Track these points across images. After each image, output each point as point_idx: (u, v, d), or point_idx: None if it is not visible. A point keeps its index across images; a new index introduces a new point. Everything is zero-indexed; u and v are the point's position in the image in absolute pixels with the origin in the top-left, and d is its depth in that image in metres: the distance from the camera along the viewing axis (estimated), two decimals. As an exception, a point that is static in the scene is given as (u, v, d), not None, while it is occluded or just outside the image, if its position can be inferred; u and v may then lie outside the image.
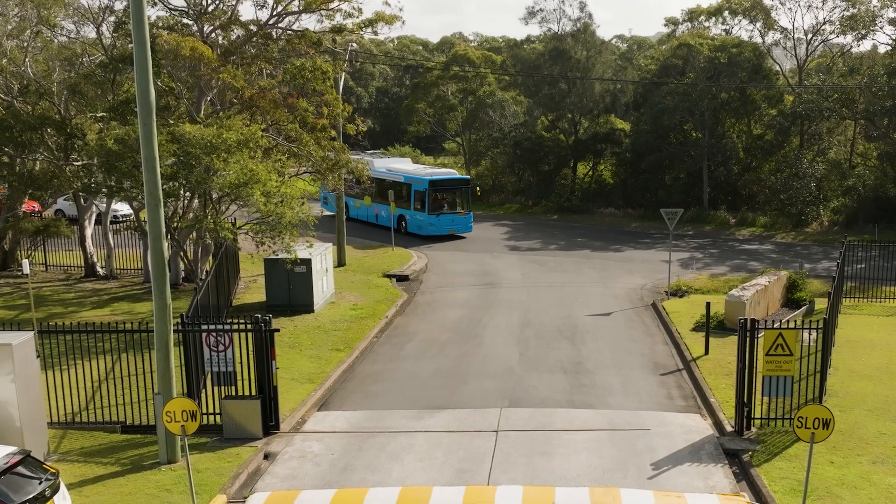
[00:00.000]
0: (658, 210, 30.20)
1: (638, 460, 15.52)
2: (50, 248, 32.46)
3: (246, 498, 14.39)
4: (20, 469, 12.44)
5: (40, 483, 12.44)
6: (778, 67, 49.76)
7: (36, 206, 34.42)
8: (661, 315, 26.43)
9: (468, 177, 44.34)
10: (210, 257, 27.85)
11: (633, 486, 14.48)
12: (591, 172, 53.80)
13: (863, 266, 30.89)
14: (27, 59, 28.93)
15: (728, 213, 45.18)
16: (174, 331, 15.74)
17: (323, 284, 27.27)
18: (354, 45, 38.81)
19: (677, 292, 29.12)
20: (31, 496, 12.09)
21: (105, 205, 31.26)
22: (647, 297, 29.16)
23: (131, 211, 36.80)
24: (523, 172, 53.16)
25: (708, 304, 22.82)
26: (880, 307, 27.48)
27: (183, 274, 29.08)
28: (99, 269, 30.87)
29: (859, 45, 46.36)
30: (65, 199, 39.16)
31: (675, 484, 14.59)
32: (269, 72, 29.04)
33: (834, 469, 15.06)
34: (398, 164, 45.28)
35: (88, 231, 30.81)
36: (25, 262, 20.88)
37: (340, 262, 33.55)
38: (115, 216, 34.56)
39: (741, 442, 16.32)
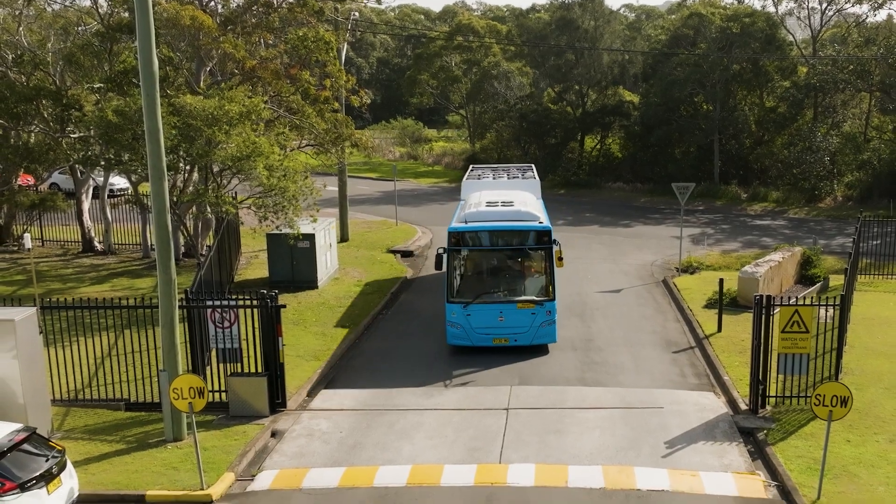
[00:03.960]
0: (668, 185, 29.71)
1: (651, 439, 15.21)
2: (46, 223, 32.03)
3: (254, 476, 14.19)
4: (26, 447, 12.19)
5: (47, 460, 12.19)
6: (791, 38, 48.82)
7: (30, 179, 33.96)
8: (673, 292, 26.02)
9: (540, 219, 20.76)
10: (211, 232, 27.47)
11: (648, 464, 14.22)
12: (598, 146, 53.09)
13: (878, 242, 30.40)
14: (21, 28, 28.34)
15: (739, 188, 44.54)
16: (179, 307, 15.38)
17: (327, 260, 26.89)
18: (356, 14, 38.03)
19: (688, 269, 28.69)
20: (37, 474, 11.85)
21: (102, 178, 30.79)
22: (657, 274, 28.74)
23: (129, 185, 36.49)
24: (529, 146, 52.44)
25: (721, 281, 22.41)
26: None
27: (183, 249, 28.68)
28: (97, 244, 30.47)
29: (875, 15, 45.58)
30: (60, 173, 38.63)
31: (690, 462, 14.30)
32: (270, 42, 28.40)
33: (850, 447, 14.73)
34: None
35: (86, 205, 30.36)
36: (27, 236, 20.53)
37: (343, 238, 33.13)
38: (111, 190, 34.09)
39: (756, 420, 15.99)
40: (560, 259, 20.00)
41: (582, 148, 52.61)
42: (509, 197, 22.84)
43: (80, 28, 28.11)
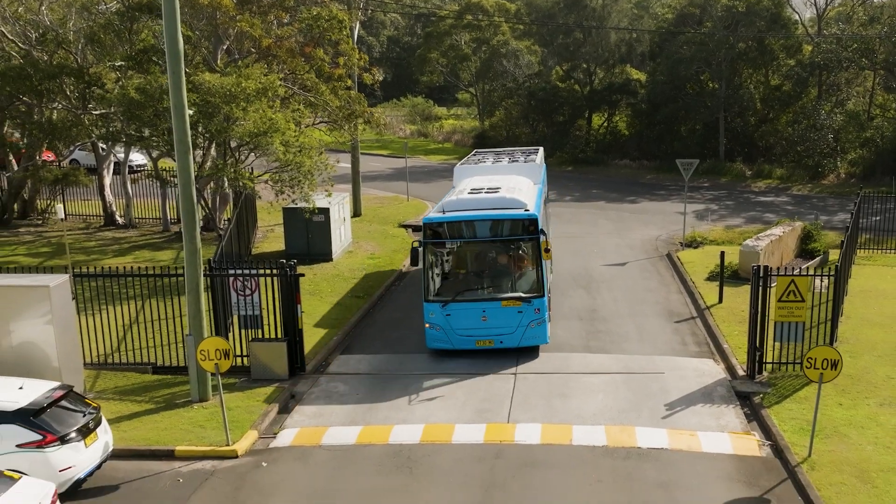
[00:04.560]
0: (674, 162, 30.31)
1: (652, 402, 16.01)
2: (68, 198, 32.92)
3: (276, 434, 15.06)
4: (64, 403, 13.04)
5: (83, 416, 13.05)
6: (797, 17, 49.09)
7: (51, 156, 34.78)
8: (676, 265, 26.74)
9: (526, 206, 18.66)
10: (228, 206, 28.27)
11: (648, 425, 15.02)
12: (606, 124, 53.62)
13: (879, 218, 31.02)
14: (43, 7, 29.01)
15: (744, 165, 45.10)
16: (203, 275, 16.19)
17: (341, 233, 27.69)
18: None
19: (692, 243, 29.38)
20: (75, 428, 12.70)
21: (123, 154, 31.59)
22: (662, 248, 29.44)
23: (146, 161, 37.28)
24: (538, 123, 53.01)
25: (722, 254, 23.13)
26: (895, 258, 27.69)
27: (201, 223, 29.43)
28: (118, 217, 31.35)
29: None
30: (81, 150, 39.44)
31: (688, 423, 15.10)
32: (285, 21, 29.00)
33: (842, 410, 15.50)
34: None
35: (107, 180, 31.21)
36: (59, 207, 21.37)
37: (356, 213, 33.91)
38: (130, 166, 34.89)
39: (753, 385, 16.77)
40: (547, 251, 17.99)
41: (589, 125, 53.14)
42: (498, 183, 20.68)
43: (101, 7, 28.74)
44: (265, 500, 12.79)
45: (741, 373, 17.44)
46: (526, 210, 18.24)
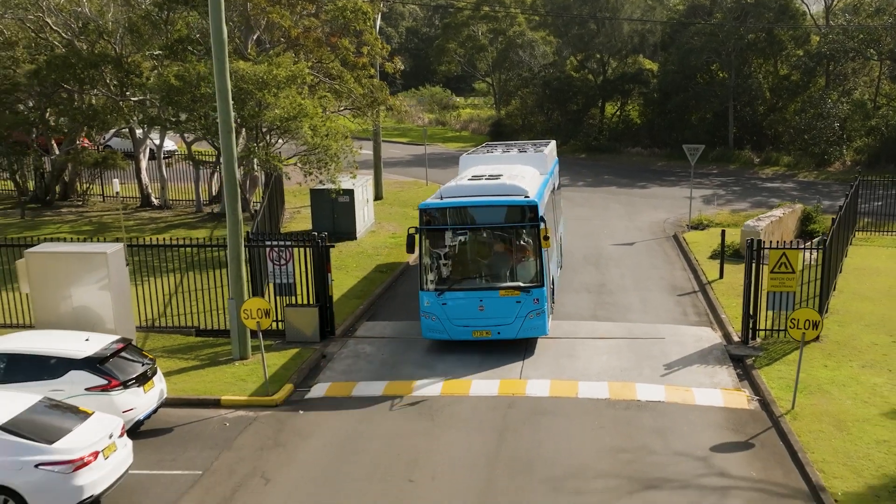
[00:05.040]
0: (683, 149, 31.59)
1: (652, 362, 17.51)
2: (106, 181, 34.68)
3: (311, 387, 16.69)
4: (124, 354, 14.72)
5: (142, 366, 14.72)
6: (805, 8, 50.07)
7: (87, 142, 36.55)
8: (682, 245, 28.15)
9: (526, 193, 18.15)
10: (258, 189, 29.90)
11: (647, 381, 16.53)
12: (618, 112, 54.88)
13: (880, 203, 32.34)
14: (85, 1, 30.72)
15: (753, 153, 46.26)
16: (244, 246, 17.82)
17: (364, 214, 29.28)
18: (390, -16, 40.02)
19: (699, 226, 30.73)
20: (135, 375, 14.37)
21: (158, 140, 33.31)
22: (669, 230, 30.82)
23: (175, 147, 39.03)
24: (552, 112, 54.37)
25: (723, 232, 24.55)
26: (891, 239, 28.98)
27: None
28: (154, 199, 33.09)
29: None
30: (116, 136, 41.21)
31: (684, 381, 16.59)
32: (311, 12, 30.53)
33: (827, 371, 16.94)
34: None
35: (143, 164, 32.94)
36: (115, 181, 23.07)
37: (378, 196, 35.46)
38: (166, 154, 36.66)
39: (746, 349, 18.22)
40: (546, 238, 17.33)
41: (602, 114, 54.43)
42: (500, 170, 20.46)
43: (139, -1, 30.48)
44: (303, 440, 14.42)
45: (736, 339, 18.89)
46: (526, 197, 17.68)
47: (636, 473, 13.00)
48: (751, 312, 18.50)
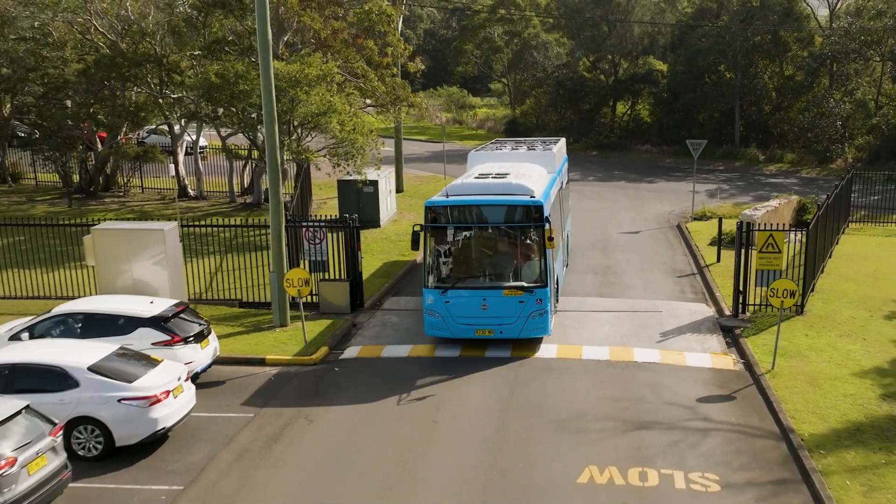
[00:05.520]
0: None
1: (649, 331, 19.46)
2: (144, 174, 37.02)
3: (344, 349, 18.76)
4: (184, 315, 16.85)
5: (199, 325, 16.84)
6: (810, 10, 51.74)
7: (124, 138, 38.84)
8: (684, 234, 30.05)
9: (532, 193, 18.19)
10: (288, 180, 32.01)
11: (644, 347, 18.48)
12: (629, 111, 56.76)
13: (878, 198, 34.16)
14: (128, 3, 32.99)
15: (758, 150, 48.03)
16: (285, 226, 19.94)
17: (387, 204, 31.36)
18: (410, -11, 42.12)
19: (702, 217, 32.59)
20: (193, 333, 16.49)
21: (195, 135, 35.54)
22: (673, 221, 32.71)
23: (206, 143, 41.25)
24: (565, 111, 56.33)
25: (720, 220, 26.49)
26: (882, 230, 30.74)
27: (264, 196, 33.34)
28: (190, 190, 35.32)
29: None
30: (153, 133, 43.57)
31: (677, 346, 18.54)
32: (339, 15, 32.64)
33: (807, 339, 18.82)
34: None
35: (181, 157, 35.19)
36: (171, 166, 25.12)
37: (399, 189, 37.52)
38: (189, 150, 38.94)
39: (735, 321, 20.13)
40: (550, 239, 17.33)
41: (614, 113, 56.32)
42: (508, 169, 20.43)
43: (180, 2, 32.65)
44: (340, 391, 16.50)
45: (727, 313, 20.80)
46: (532, 197, 17.71)
47: (630, 417, 14.98)
48: (741, 289, 20.41)
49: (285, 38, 31.78)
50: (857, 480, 12.70)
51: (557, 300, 19.60)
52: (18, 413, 11.56)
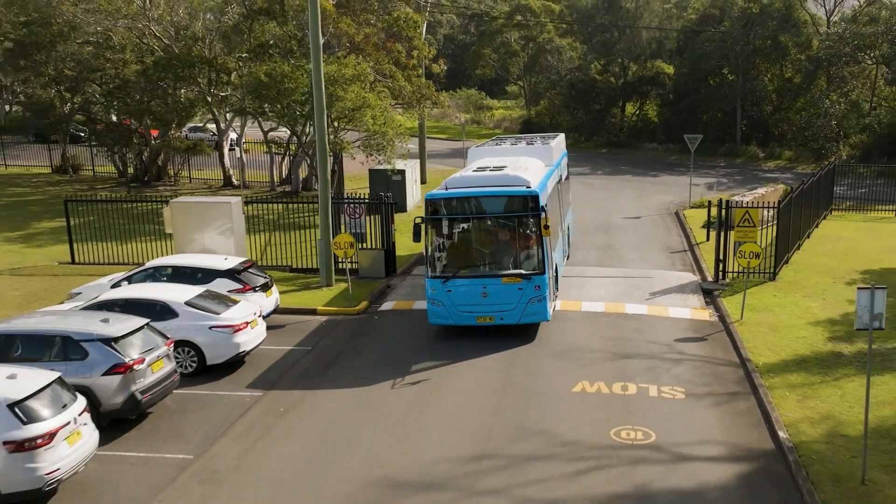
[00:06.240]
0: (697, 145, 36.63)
1: (640, 292, 22.84)
2: (192, 167, 40.85)
3: (381, 304, 22.28)
4: (251, 270, 20.43)
5: (263, 279, 20.41)
6: (807, 16, 54.85)
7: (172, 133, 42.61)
8: (681, 219, 33.36)
9: (528, 184, 18.98)
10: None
11: (635, 303, 21.85)
12: (637, 111, 60.06)
13: (865, 191, 37.41)
14: (181, 10, 36.81)
15: (758, 148, 51.18)
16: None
17: (413, 191, 34.88)
18: (433, -3, 45.72)
19: (699, 206, 35.82)
20: (260, 284, 20.05)
21: (239, 131, 39.25)
22: (672, 209, 35.99)
23: (243, 140, 44.95)
24: (577, 111, 59.74)
25: (709, 203, 29.72)
26: (862, 216, 33.95)
27: (301, 185, 37.02)
28: (234, 180, 39.02)
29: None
30: (199, 131, 47.44)
31: (663, 303, 21.89)
32: (371, 21, 36.26)
33: (775, 299, 22.12)
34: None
35: (226, 150, 38.92)
36: (237, 148, 28.71)
37: (423, 180, 41.02)
38: (232, 146, 42.77)
39: (715, 285, 23.45)
40: (547, 227, 18.13)
41: (623, 113, 59.66)
42: (505, 162, 21.33)
43: (228, 9, 36.44)
44: (380, 333, 20.01)
45: (710, 279, 24.14)
46: (528, 187, 18.45)
47: (617, 350, 18.38)
48: (720, 258, 23.74)
49: (322, 42, 35.41)
50: (795, 393, 16.04)
51: (557, 288, 20.64)
52: (142, 328, 15.12)
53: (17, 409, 11.55)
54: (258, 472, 13.23)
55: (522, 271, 18.52)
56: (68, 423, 12.03)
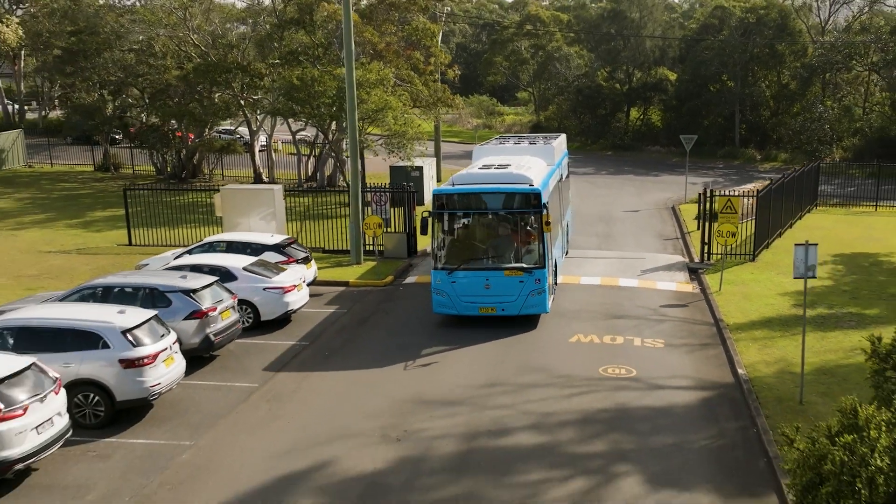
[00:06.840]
0: (697, 148, 39.68)
1: (632, 270, 25.87)
2: (224, 166, 44.21)
3: (405, 278, 25.41)
4: (294, 245, 23.60)
5: (304, 253, 23.58)
6: (803, 25, 57.81)
7: (191, 135, 45.90)
8: (676, 212, 36.37)
9: (531, 182, 19.93)
10: (346, 169, 38.71)
11: (627, 278, 24.89)
12: (641, 116, 63.13)
13: (853, 189, 40.36)
14: (216, 20, 40.19)
15: (756, 151, 54.13)
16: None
17: (430, 186, 37.98)
18: (449, 7, 49.00)
19: (694, 202, 38.79)
20: (301, 257, 23.21)
21: (267, 133, 42.53)
22: (669, 204, 38.99)
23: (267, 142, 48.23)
24: (584, 116, 62.85)
25: (699, 195, 32.67)
26: (844, 211, 36.85)
27: (326, 181, 40.22)
28: (264, 178, 42.29)
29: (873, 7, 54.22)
30: (224, 133, 50.79)
31: (652, 278, 24.92)
32: (392, 31, 39.51)
33: (751, 275, 25.10)
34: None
35: (257, 149, 42.22)
36: (264, 137, 31.74)
37: (438, 177, 44.17)
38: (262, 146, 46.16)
39: (700, 265, 26.45)
40: (548, 224, 19.05)
41: (627, 117, 62.76)
42: (509, 160, 22.23)
43: (260, 19, 39.82)
44: (405, 300, 23.13)
45: (696, 260, 27.15)
46: (531, 185, 19.40)
47: (609, 312, 21.43)
48: (705, 241, 26.74)
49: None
50: (757, 343, 19.04)
51: (556, 283, 21.76)
52: (213, 284, 18.28)
53: (128, 335, 14.71)
54: (314, 393, 16.36)
55: (524, 265, 19.43)
56: (165, 349, 15.17)
